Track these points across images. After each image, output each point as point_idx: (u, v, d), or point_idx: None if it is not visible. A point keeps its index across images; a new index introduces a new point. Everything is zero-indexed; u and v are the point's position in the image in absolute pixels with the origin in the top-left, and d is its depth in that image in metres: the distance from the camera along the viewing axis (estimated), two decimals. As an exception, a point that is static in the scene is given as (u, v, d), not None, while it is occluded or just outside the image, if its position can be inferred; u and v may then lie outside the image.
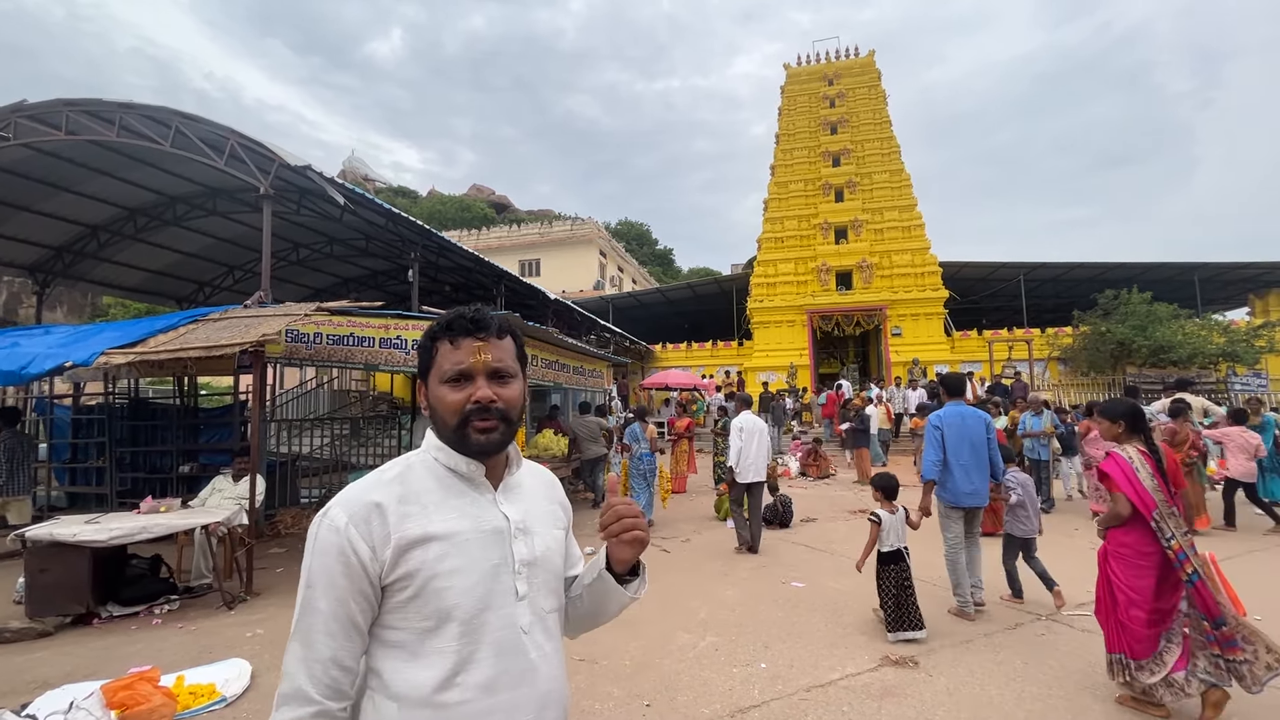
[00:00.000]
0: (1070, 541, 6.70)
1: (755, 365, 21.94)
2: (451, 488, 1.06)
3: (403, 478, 1.05)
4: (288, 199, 10.30)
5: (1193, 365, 17.36)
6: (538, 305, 15.63)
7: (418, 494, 1.03)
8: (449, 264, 13.93)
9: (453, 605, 0.98)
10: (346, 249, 13.49)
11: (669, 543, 7.11)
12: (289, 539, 7.42)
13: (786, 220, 23.33)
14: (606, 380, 12.21)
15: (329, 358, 7.27)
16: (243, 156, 7.84)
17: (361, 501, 1.00)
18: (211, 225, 11.79)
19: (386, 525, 0.98)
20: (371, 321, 7.17)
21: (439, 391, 1.07)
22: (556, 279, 31.91)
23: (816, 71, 24.81)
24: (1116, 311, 18.66)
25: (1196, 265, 21.47)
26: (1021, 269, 22.36)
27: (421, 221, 10.89)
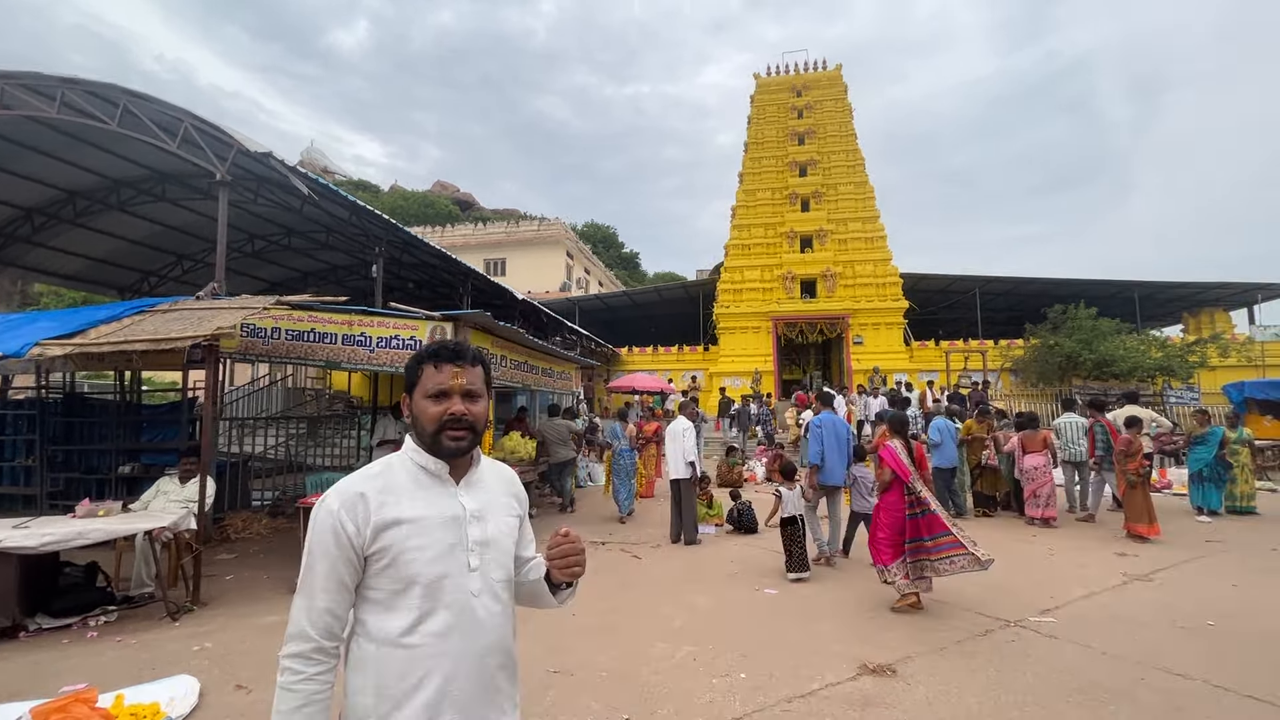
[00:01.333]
0: (1029, 548, 6.86)
1: (721, 370, 22.06)
2: (422, 482, 1.33)
3: (384, 474, 1.32)
4: (245, 187, 9.83)
5: (1133, 378, 18.19)
6: (505, 305, 15.36)
7: (394, 486, 1.30)
8: (413, 260, 13.57)
9: (416, 573, 1.25)
10: (306, 241, 12.99)
11: (640, 549, 7.01)
12: (239, 544, 7.03)
13: (754, 228, 23.57)
14: (575, 383, 12.05)
15: (288, 354, 6.94)
16: (198, 141, 7.43)
17: (351, 491, 1.28)
18: (159, 212, 11.16)
19: (369, 510, 1.26)
20: (334, 317, 6.87)
21: (422, 404, 1.34)
22: (523, 279, 31.50)
23: (785, 83, 25.18)
24: (1064, 326, 19.43)
25: (1136, 284, 22.58)
26: (977, 282, 23.12)
27: (388, 217, 10.56)
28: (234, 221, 11.69)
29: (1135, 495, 7.23)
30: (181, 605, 4.88)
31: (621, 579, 5.84)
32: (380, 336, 6.80)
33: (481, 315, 6.98)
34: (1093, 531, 7.67)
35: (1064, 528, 7.92)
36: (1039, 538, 7.32)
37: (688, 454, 7.31)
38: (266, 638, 4.33)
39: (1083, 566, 6.02)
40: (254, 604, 5.08)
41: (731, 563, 6.37)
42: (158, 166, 9.73)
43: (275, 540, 7.23)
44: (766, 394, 19.90)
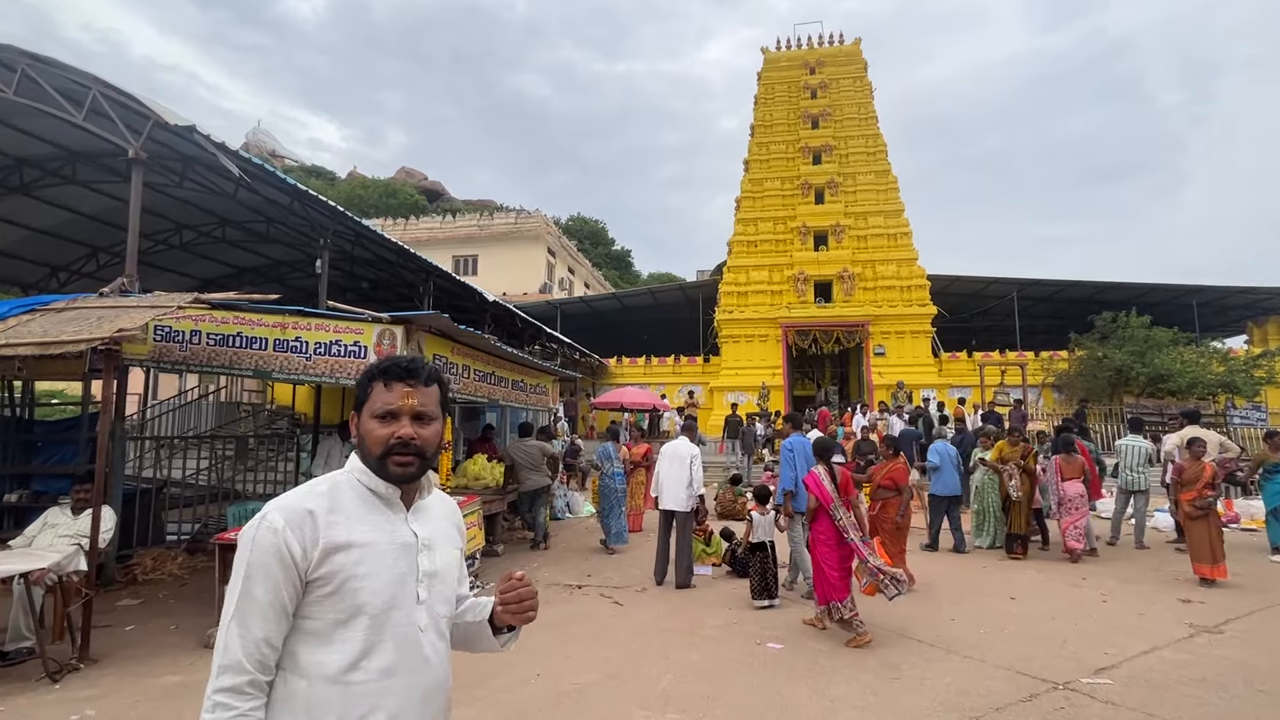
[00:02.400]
0: (1079, 593, 6.68)
1: (723, 384, 21.91)
2: (371, 505, 1.38)
3: (332, 493, 1.35)
4: (168, 168, 9.63)
5: (1192, 395, 18.16)
6: (473, 308, 15.17)
7: (343, 507, 1.34)
8: (367, 255, 13.36)
9: (364, 602, 1.28)
10: (242, 233, 12.79)
11: (624, 593, 6.77)
12: (147, 587, 6.74)
13: (761, 222, 23.53)
14: (552, 397, 11.84)
15: (209, 361, 6.70)
16: (109, 112, 7.23)
17: (298, 508, 1.29)
18: (70, 196, 10.92)
19: (317, 530, 1.28)
20: (265, 319, 6.65)
21: (369, 425, 1.39)
22: (497, 279, 31.32)
23: (797, 58, 25.28)
24: (1114, 335, 19.43)
25: (1195, 289, 22.64)
26: (1015, 285, 23.12)
27: (342, 208, 10.38)
28: (157, 208, 11.56)
29: (1197, 530, 7.10)
30: (65, 663, 4.61)
31: (599, 630, 5.61)
32: (319, 341, 6.58)
33: (438, 317, 6.78)
34: (1151, 572, 7.51)
35: (1116, 565, 7.77)
36: (1089, 580, 7.14)
37: (696, 484, 7.21)
38: (166, 702, 4.08)
39: (1141, 615, 5.84)
40: (155, 660, 4.82)
41: (729, 610, 6.16)
42: (66, 143, 9.51)
43: (191, 582, 6.95)
44: (775, 412, 19.73)
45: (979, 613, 5.98)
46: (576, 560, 8.35)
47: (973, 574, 7.58)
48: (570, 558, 8.50)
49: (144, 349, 6.80)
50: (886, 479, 7.16)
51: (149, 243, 12.76)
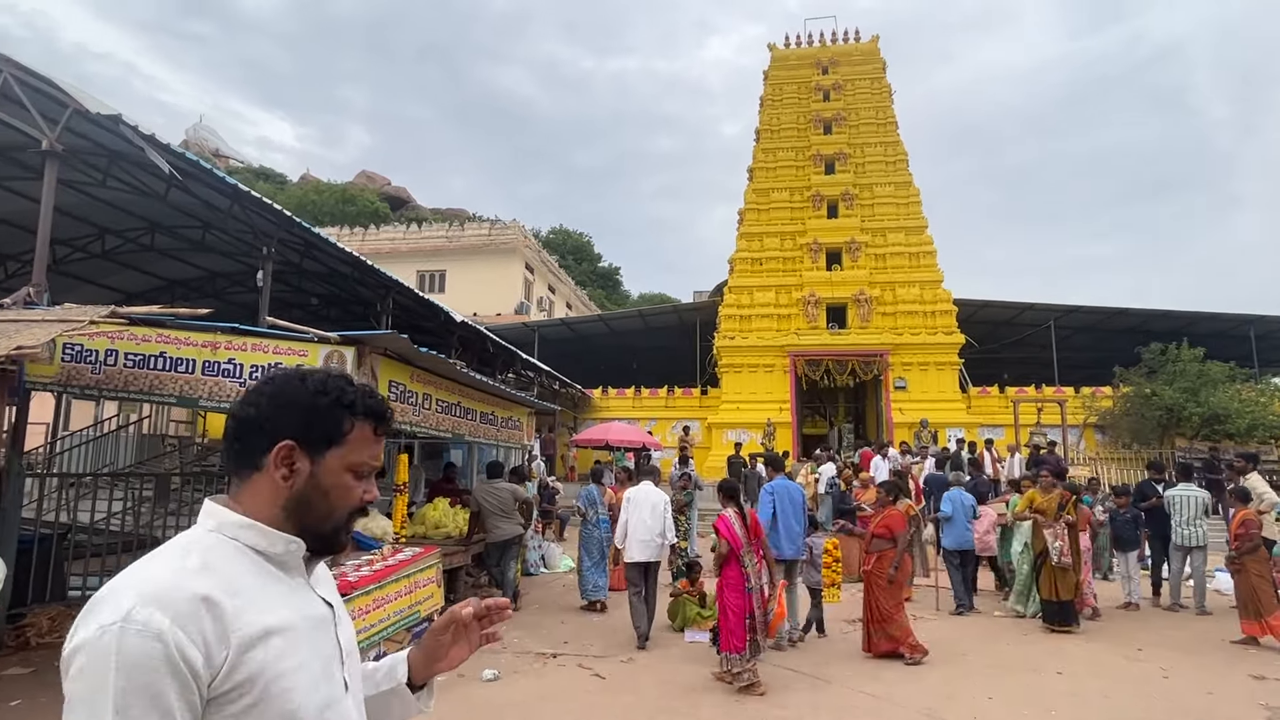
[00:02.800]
0: (1137, 668, 6.53)
1: (723, 421, 21.78)
2: (266, 573, 1.13)
3: (210, 564, 1.07)
4: (91, 164, 9.54)
5: (1251, 439, 18.20)
6: (438, 329, 15.04)
7: (239, 582, 1.08)
8: (318, 268, 13.26)
9: (298, 707, 1.07)
10: (174, 240, 12.68)
11: (604, 663, 6.55)
12: (42, 653, 6.45)
13: (767, 238, 23.66)
14: (527, 433, 11.68)
15: (126, 386, 6.54)
16: (21, 98, 7.13)
17: (183, 595, 1.00)
18: (-25, 195, 10.79)
19: (223, 622, 1.01)
20: (194, 337, 6.51)
21: (342, 479, 1.19)
22: (467, 298, 31.24)
23: (808, 56, 25.71)
24: (1163, 370, 19.52)
25: (1251, 318, 22.87)
26: (1053, 312, 23.29)
27: (295, 216, 10.30)
28: (77, 210, 11.44)
29: (1239, 582, 7.49)
30: (-66, 746, 4.34)
31: (577, 711, 5.40)
32: (256, 364, 6.44)
33: (395, 338, 6.65)
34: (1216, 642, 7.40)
35: (1176, 633, 7.64)
36: (1146, 651, 6.99)
37: (669, 533, 7.56)
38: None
39: (1210, 694, 5.69)
40: (43, 744, 4.56)
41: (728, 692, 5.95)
42: (-28, 134, 9.39)
43: (95, 647, 6.67)
44: (782, 452, 19.60)
45: (1021, 691, 5.81)
46: (552, 623, 8.12)
47: (1012, 644, 7.42)
48: (545, 620, 8.27)
49: (50, 370, 6.63)
50: (881, 527, 7.09)
51: (66, 249, 12.62)
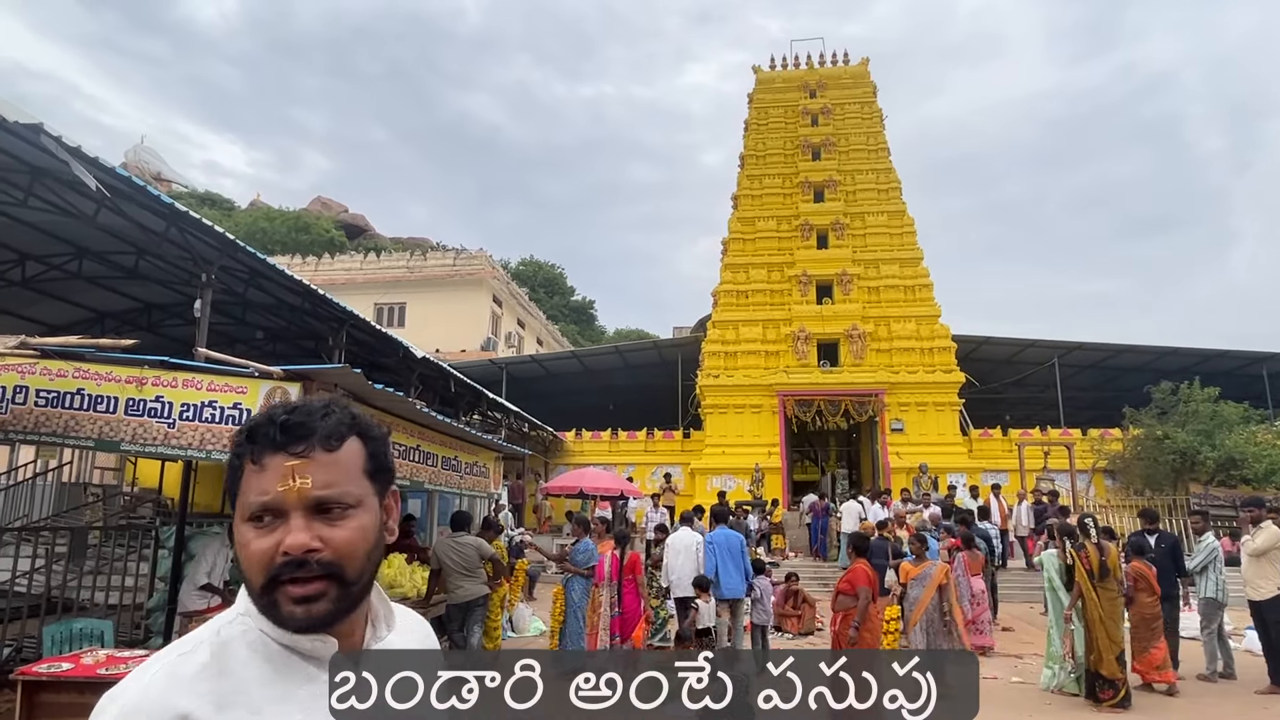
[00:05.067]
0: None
1: (707, 466, 21.54)
2: (293, 671, 1.00)
3: (218, 665, 0.97)
4: (10, 182, 9.21)
5: (1269, 485, 18.29)
6: (396, 366, 14.76)
7: (244, 688, 0.96)
8: (265, 299, 12.95)
9: None
10: (106, 268, 12.34)
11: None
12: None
13: (753, 269, 23.73)
14: (494, 480, 11.34)
15: (36, 427, 6.19)
16: (-73, 104, 6.85)
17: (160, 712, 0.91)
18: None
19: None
20: (116, 371, 6.19)
21: (243, 535, 1.00)
22: (429, 333, 30.92)
23: (795, 79, 26.14)
24: (1176, 411, 19.65)
25: (1264, 356, 23.25)
26: (1056, 349, 23.50)
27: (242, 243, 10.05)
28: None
29: None
30: None
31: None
32: (186, 403, 6.11)
33: (347, 373, 6.37)
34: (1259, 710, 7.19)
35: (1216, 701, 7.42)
36: None
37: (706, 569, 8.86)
38: None
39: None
40: None
41: None
42: (-124, 148, 9.05)
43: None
44: (771, 501, 19.35)
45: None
46: (521, 696, 7.73)
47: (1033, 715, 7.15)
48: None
49: (-53, 410, 6.24)
50: (844, 583, 6.89)
51: (-17, 278, 12.23)
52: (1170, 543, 9.16)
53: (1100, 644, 7.40)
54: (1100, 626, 7.43)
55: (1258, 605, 8.16)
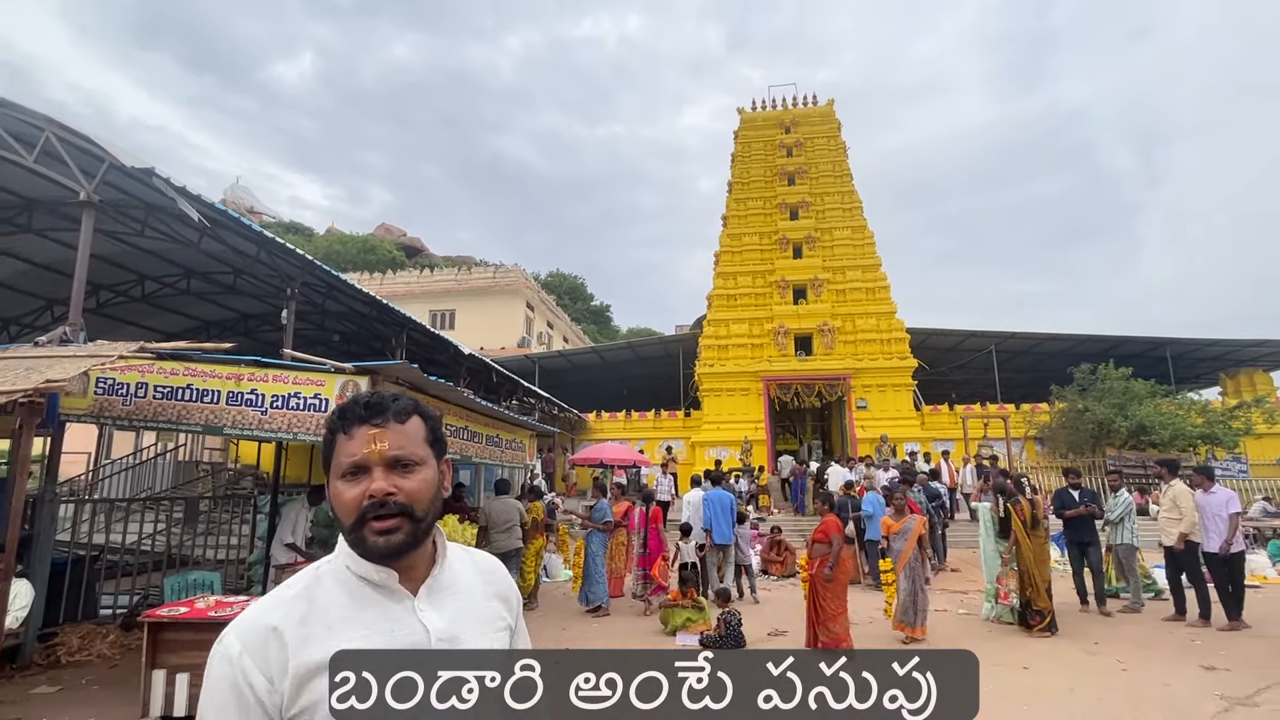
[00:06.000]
0: (1095, 661, 6.23)
1: (704, 439, 21.46)
2: (364, 599, 1.07)
3: (308, 593, 1.06)
4: (129, 215, 9.25)
5: (1173, 448, 18.09)
6: (448, 362, 14.74)
7: (323, 611, 1.04)
8: (339, 308, 12.97)
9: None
10: (209, 285, 12.35)
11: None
12: (71, 670, 6.01)
13: (740, 276, 23.57)
14: (529, 453, 11.34)
15: (155, 416, 6.18)
16: (62, 154, 6.88)
17: (258, 625, 1.02)
18: (25, 246, 10.47)
19: (285, 651, 1.00)
20: (218, 370, 6.18)
21: (336, 488, 1.10)
22: (474, 334, 30.93)
23: (773, 118, 25.87)
24: (1093, 388, 19.45)
25: (1168, 340, 22.94)
26: (993, 338, 23.26)
27: (311, 257, 10.04)
28: (119, 259, 11.13)
29: None
30: (-47, 770, 3.94)
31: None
32: (276, 394, 6.11)
33: (406, 368, 6.36)
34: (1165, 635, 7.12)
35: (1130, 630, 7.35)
36: (1103, 645, 6.70)
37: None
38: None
39: (1166, 685, 5.40)
40: (63, 764, 4.16)
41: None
42: (22, 190, 9.10)
43: (123, 663, 6.22)
44: (758, 467, 19.28)
45: (993, 685, 5.49)
46: (553, 630, 7.72)
47: (978, 640, 7.10)
48: (549, 626, 7.86)
49: (83, 403, 6.28)
50: (819, 533, 6.74)
51: (110, 294, 12.29)
52: (1090, 496, 8.98)
53: (1035, 581, 7.37)
54: (1034, 568, 7.39)
55: (1169, 549, 8.05)
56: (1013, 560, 7.66)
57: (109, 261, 11.06)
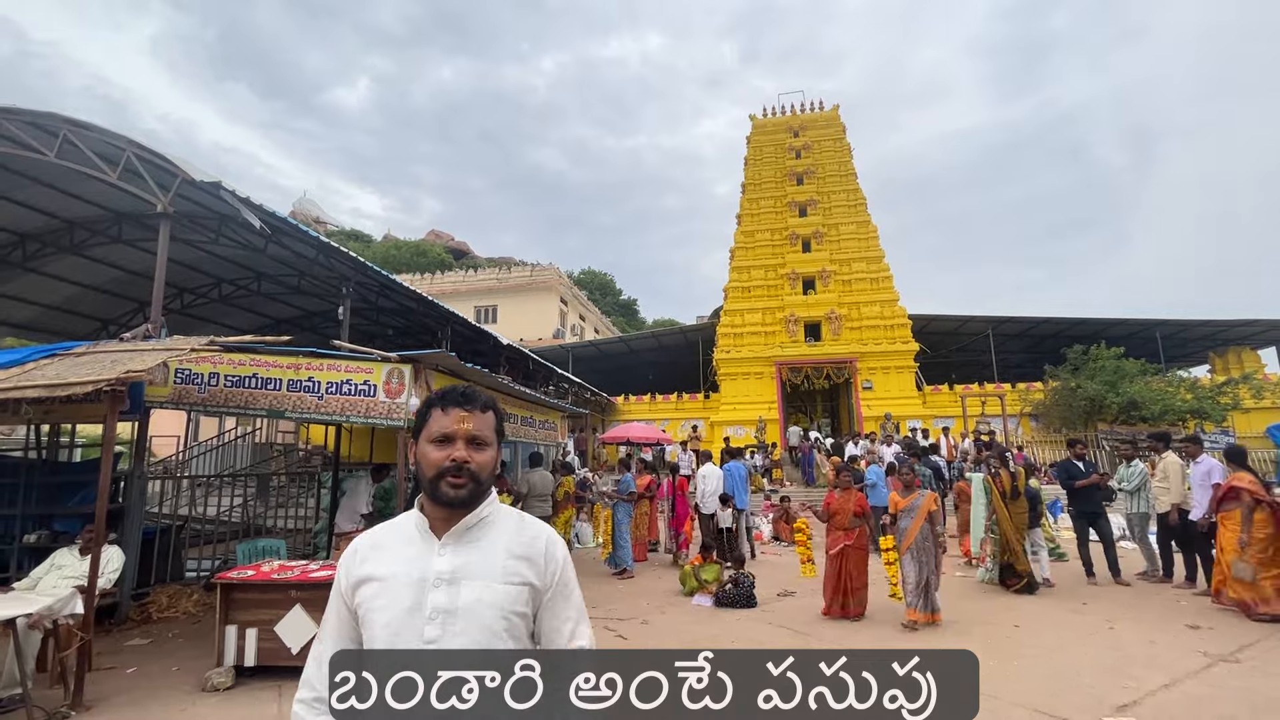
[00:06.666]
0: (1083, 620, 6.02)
1: (722, 419, 21.32)
2: (409, 537, 1.32)
3: (392, 527, 1.36)
4: (204, 225, 9.43)
5: (1163, 422, 17.44)
6: (489, 351, 14.82)
7: (386, 542, 1.33)
8: (391, 305, 13.08)
9: (374, 635, 1.23)
10: (277, 286, 12.56)
11: (625, 625, 6.17)
12: (160, 625, 6.20)
13: (753, 270, 23.26)
14: (560, 433, 11.35)
15: (226, 403, 6.29)
16: (140, 170, 7.00)
17: (360, 544, 1.35)
18: (118, 255, 10.74)
19: (354, 564, 1.31)
20: (279, 360, 6.27)
21: (425, 449, 1.33)
22: (514, 327, 31.13)
23: (782, 123, 25.39)
24: (1085, 367, 18.82)
25: (1158, 322, 22.07)
26: (990, 322, 22.62)
27: (375, 265, 10.13)
28: (198, 265, 11.37)
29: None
30: (55, 710, 4.07)
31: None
32: (330, 381, 6.18)
33: (445, 356, 6.37)
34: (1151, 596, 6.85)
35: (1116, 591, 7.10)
36: (1091, 605, 6.48)
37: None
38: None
39: (1152, 643, 5.19)
40: (149, 705, 4.27)
41: (734, 642, 5.55)
42: (112, 205, 9.34)
43: (205, 619, 6.39)
44: (771, 444, 19.10)
45: (985, 642, 5.35)
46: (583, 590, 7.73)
47: (974, 601, 6.93)
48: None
49: (164, 391, 6.42)
50: (857, 506, 6.41)
51: (191, 296, 12.57)
52: (1090, 468, 8.49)
53: (1014, 547, 7.18)
54: (1013, 533, 7.19)
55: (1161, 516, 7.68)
56: (993, 526, 7.48)
57: (189, 267, 11.29)
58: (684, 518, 9.74)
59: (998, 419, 18.77)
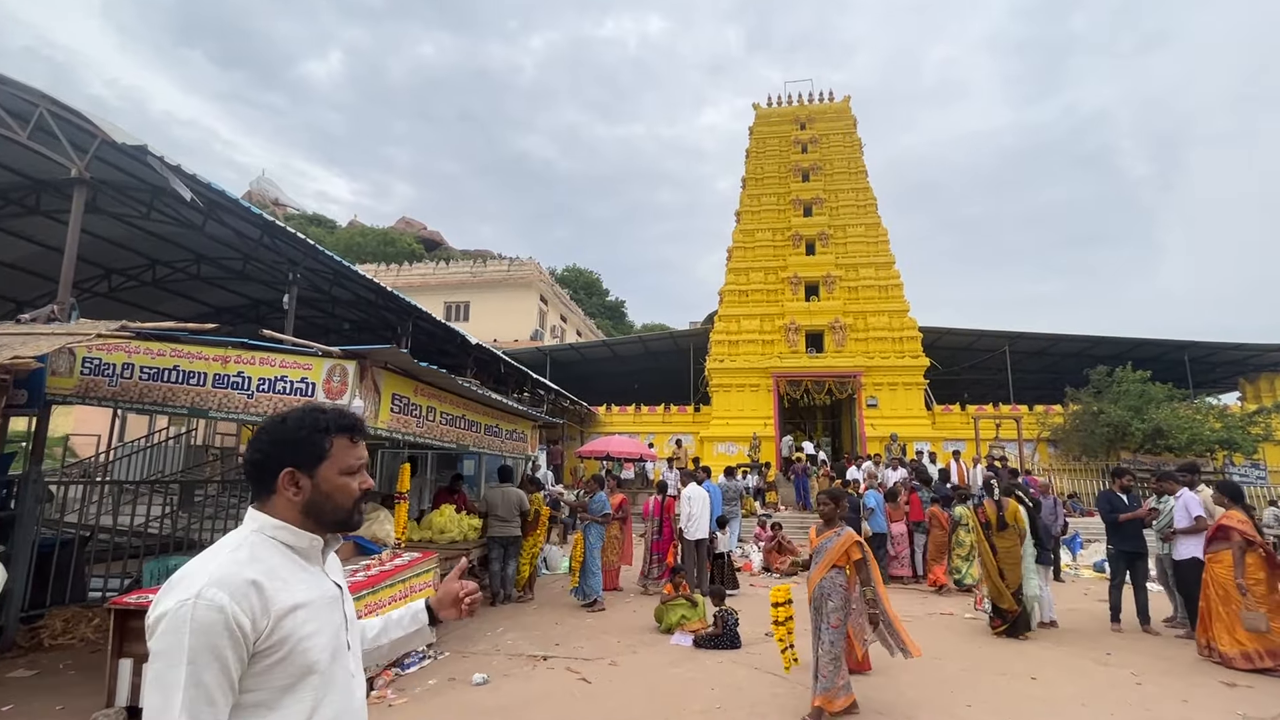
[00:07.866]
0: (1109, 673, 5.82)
1: (713, 435, 21.11)
2: (295, 563, 1.37)
3: (259, 556, 1.32)
4: (134, 197, 9.08)
5: (1190, 452, 17.47)
6: (456, 351, 14.50)
7: (277, 570, 1.32)
8: (348, 296, 12.75)
9: (315, 660, 1.30)
10: (219, 270, 12.18)
11: (591, 666, 5.89)
12: (52, 655, 5.82)
13: (752, 272, 23.15)
14: (531, 444, 11.06)
15: (141, 398, 5.97)
16: (55, 130, 6.68)
17: (238, 580, 1.24)
18: (36, 228, 10.33)
19: (265, 599, 1.25)
20: (205, 351, 5.96)
21: (340, 481, 1.42)
22: (488, 326, 30.79)
23: (788, 114, 25.38)
24: (1109, 390, 18.85)
25: (1186, 344, 22.19)
26: (1006, 338, 22.65)
27: (337, 255, 9.82)
28: (128, 242, 10.99)
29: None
30: (-97, 758, 3.73)
31: (559, 716, 4.74)
32: (262, 377, 5.88)
33: (396, 353, 6.09)
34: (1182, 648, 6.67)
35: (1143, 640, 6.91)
36: (1116, 656, 6.29)
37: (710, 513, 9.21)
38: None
39: (1185, 702, 5.00)
40: (20, 754, 3.94)
41: (712, 690, 5.28)
42: (28, 170, 8.96)
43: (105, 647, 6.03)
44: (765, 464, 18.91)
45: (998, 697, 5.13)
46: (548, 624, 7.44)
47: (984, 646, 6.72)
48: (542, 621, 7.59)
49: (69, 383, 6.10)
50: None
51: (120, 278, 12.19)
52: (1138, 502, 8.16)
53: (995, 582, 6.98)
54: (993, 570, 6.99)
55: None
56: (978, 563, 7.36)
57: (118, 244, 10.93)
58: (668, 542, 9.45)
59: (1013, 443, 18.72)
